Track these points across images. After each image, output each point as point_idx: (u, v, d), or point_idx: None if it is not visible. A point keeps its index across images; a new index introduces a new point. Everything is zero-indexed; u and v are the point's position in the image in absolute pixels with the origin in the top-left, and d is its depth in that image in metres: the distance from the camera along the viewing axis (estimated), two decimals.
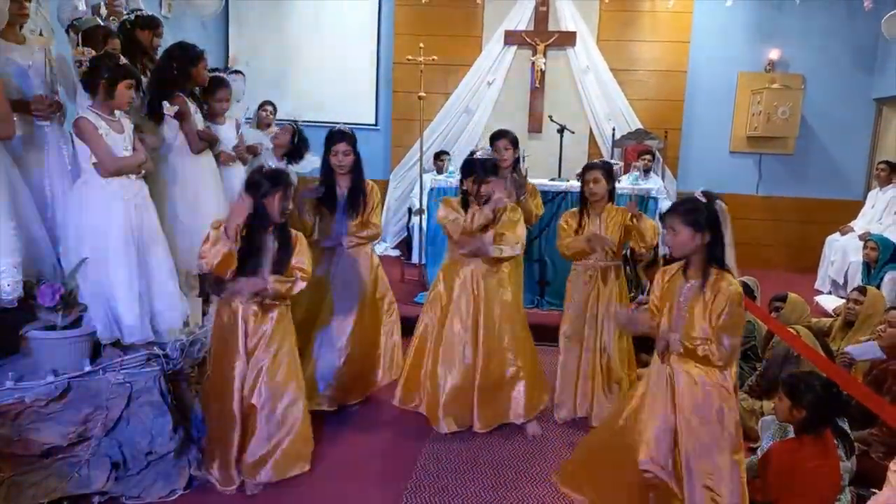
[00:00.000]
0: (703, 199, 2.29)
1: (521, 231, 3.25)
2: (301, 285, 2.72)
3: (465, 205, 3.24)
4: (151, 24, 3.61)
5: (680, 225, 2.25)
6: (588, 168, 3.46)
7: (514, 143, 3.77)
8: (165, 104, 3.15)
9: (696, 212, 2.24)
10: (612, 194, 3.47)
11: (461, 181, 3.25)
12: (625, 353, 3.54)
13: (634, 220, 3.33)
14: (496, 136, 3.80)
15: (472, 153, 3.28)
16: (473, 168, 3.17)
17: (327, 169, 3.39)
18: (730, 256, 2.29)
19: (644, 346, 3.51)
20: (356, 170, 3.39)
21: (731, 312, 2.19)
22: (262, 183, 2.62)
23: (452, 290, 3.28)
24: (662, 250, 4.21)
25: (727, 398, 2.27)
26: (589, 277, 3.47)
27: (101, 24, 3.36)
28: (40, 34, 3.09)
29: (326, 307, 3.42)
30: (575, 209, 3.56)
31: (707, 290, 2.25)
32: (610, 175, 3.43)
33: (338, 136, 3.33)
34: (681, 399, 2.29)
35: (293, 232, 2.79)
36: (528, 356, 3.38)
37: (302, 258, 2.75)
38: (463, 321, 3.25)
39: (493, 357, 3.26)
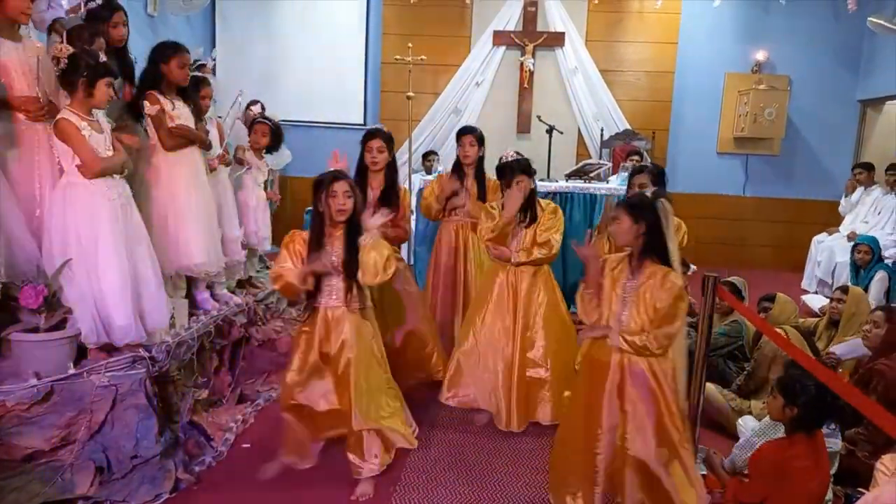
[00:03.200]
0: (650, 196, 2.44)
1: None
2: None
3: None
4: (110, 9, 3.39)
5: (623, 213, 2.41)
6: (637, 171, 3.41)
7: (480, 141, 3.80)
8: (145, 103, 3.11)
9: (639, 205, 2.40)
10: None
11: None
12: None
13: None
14: (462, 132, 3.82)
15: (501, 158, 3.37)
16: (504, 171, 3.28)
17: (361, 167, 3.37)
18: (673, 253, 2.41)
19: None
20: (390, 170, 3.37)
21: (671, 304, 2.31)
22: (320, 182, 2.62)
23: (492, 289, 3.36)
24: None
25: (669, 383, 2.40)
26: None
27: (83, 23, 3.29)
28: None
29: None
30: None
31: (644, 284, 2.38)
32: (659, 180, 3.36)
33: (373, 131, 3.33)
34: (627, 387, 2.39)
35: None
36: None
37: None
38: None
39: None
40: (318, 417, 2.76)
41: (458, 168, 3.89)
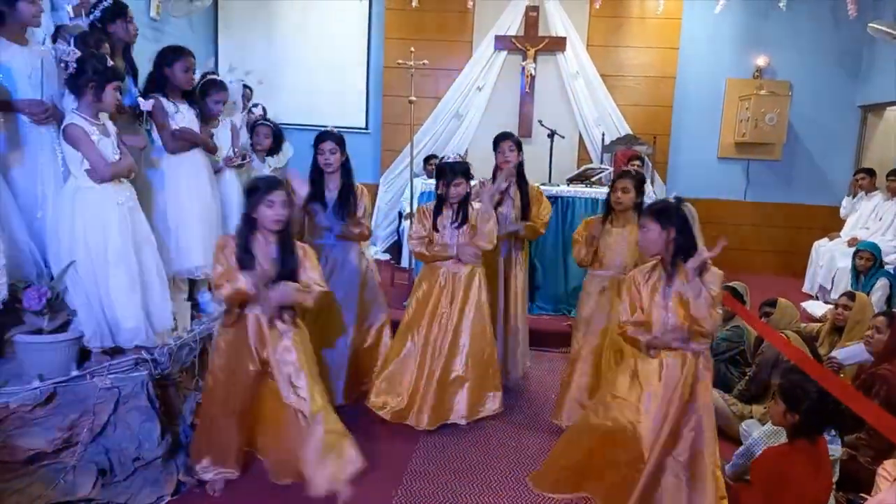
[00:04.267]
0: (673, 201, 2.44)
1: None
2: (316, 294, 2.67)
3: (440, 207, 3.42)
4: (120, 11, 3.40)
5: (650, 222, 2.40)
6: (620, 176, 3.42)
7: (519, 145, 3.83)
8: (140, 100, 3.11)
9: (665, 210, 2.39)
10: (639, 207, 3.36)
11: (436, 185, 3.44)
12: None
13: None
14: (501, 138, 3.85)
15: (442, 158, 3.51)
16: (444, 171, 3.36)
17: (316, 170, 3.41)
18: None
19: None
20: (345, 170, 3.42)
21: (708, 300, 2.33)
22: (256, 188, 2.59)
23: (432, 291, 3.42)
24: None
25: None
26: (602, 289, 3.44)
27: (88, 29, 3.30)
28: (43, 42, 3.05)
29: (322, 306, 3.42)
30: (598, 216, 3.52)
31: (678, 286, 2.39)
32: (641, 187, 3.38)
33: (323, 135, 3.39)
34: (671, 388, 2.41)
35: (299, 245, 2.74)
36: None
37: (315, 273, 2.70)
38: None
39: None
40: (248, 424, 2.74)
41: (497, 175, 3.86)
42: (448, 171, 3.34)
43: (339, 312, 3.48)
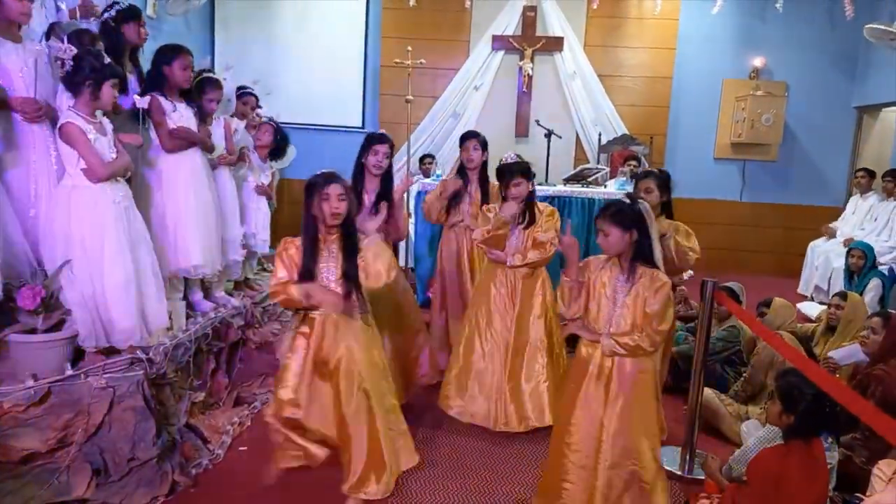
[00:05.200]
0: (627, 201, 2.42)
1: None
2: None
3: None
4: (134, 14, 3.47)
5: (610, 226, 2.37)
6: (643, 176, 3.35)
7: (484, 144, 3.84)
8: (136, 97, 3.10)
9: (623, 213, 2.37)
10: (666, 206, 3.31)
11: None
12: None
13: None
14: (466, 136, 3.86)
15: (503, 159, 3.40)
16: (503, 172, 3.30)
17: (359, 170, 3.35)
18: (657, 252, 2.43)
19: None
20: (387, 175, 3.37)
21: (662, 303, 2.35)
22: (313, 184, 2.54)
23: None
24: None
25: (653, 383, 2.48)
26: None
27: (83, 27, 3.29)
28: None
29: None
30: None
31: (636, 286, 2.39)
32: (666, 186, 3.29)
33: (380, 137, 3.33)
34: (617, 387, 2.41)
35: (362, 237, 2.70)
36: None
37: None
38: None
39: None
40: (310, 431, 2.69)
41: (461, 173, 3.91)
42: (506, 172, 3.27)
43: (401, 312, 3.41)
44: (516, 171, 3.25)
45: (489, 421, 3.33)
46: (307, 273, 2.53)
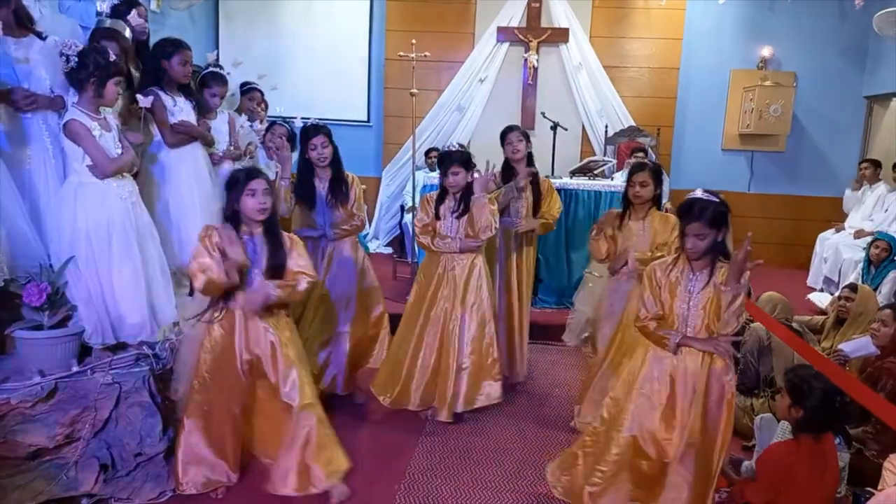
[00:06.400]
0: (715, 199, 2.34)
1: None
2: (304, 286, 2.63)
3: (442, 196, 3.42)
4: (133, 2, 3.43)
5: (707, 229, 2.29)
6: (637, 169, 3.33)
7: (526, 136, 3.81)
8: (139, 96, 3.09)
9: (720, 213, 2.31)
10: (657, 200, 3.31)
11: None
12: None
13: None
14: (508, 130, 3.82)
15: (444, 147, 3.51)
16: (443, 159, 3.39)
17: (305, 164, 3.40)
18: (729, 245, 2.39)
19: None
20: (335, 161, 3.40)
21: (742, 297, 2.28)
22: (236, 180, 2.54)
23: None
24: None
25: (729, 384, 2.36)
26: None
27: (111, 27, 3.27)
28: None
29: (321, 300, 3.42)
30: (617, 210, 3.42)
31: (715, 281, 2.33)
32: (659, 179, 3.30)
33: (313, 130, 3.35)
34: (687, 386, 2.34)
35: (286, 235, 2.69)
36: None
37: (303, 261, 2.65)
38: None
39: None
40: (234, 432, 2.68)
41: (507, 168, 3.83)
42: (446, 160, 3.34)
43: (338, 304, 3.47)
44: (455, 159, 3.31)
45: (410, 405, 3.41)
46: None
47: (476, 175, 3.40)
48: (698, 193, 2.38)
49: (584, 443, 2.57)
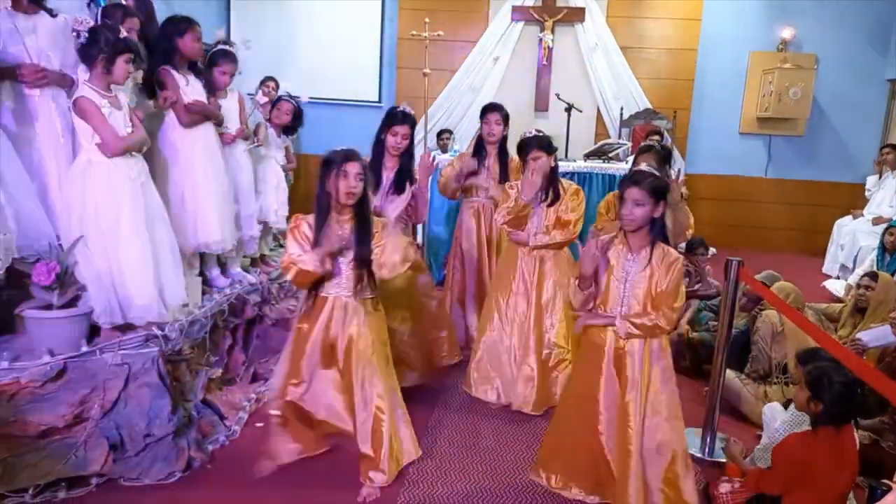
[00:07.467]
0: (657, 171, 2.34)
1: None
2: (412, 256, 2.58)
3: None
4: None
5: (647, 197, 2.28)
6: (642, 151, 3.28)
7: (506, 119, 3.75)
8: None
9: (661, 184, 2.30)
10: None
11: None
12: None
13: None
14: (488, 109, 3.77)
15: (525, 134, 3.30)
16: (523, 146, 3.22)
17: (378, 148, 3.29)
18: (668, 226, 2.43)
19: None
20: (407, 154, 3.30)
21: (677, 280, 2.32)
22: (331, 161, 2.46)
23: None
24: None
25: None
26: None
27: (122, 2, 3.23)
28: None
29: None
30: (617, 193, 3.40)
31: (653, 263, 2.33)
32: (665, 161, 3.23)
33: (401, 117, 3.25)
34: (631, 371, 2.37)
35: (377, 220, 2.60)
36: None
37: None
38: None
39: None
40: (317, 422, 2.66)
41: (479, 146, 3.81)
42: (526, 145, 3.21)
43: (418, 293, 3.38)
44: (534, 144, 3.17)
45: (511, 402, 3.31)
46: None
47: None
48: (643, 167, 2.43)
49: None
